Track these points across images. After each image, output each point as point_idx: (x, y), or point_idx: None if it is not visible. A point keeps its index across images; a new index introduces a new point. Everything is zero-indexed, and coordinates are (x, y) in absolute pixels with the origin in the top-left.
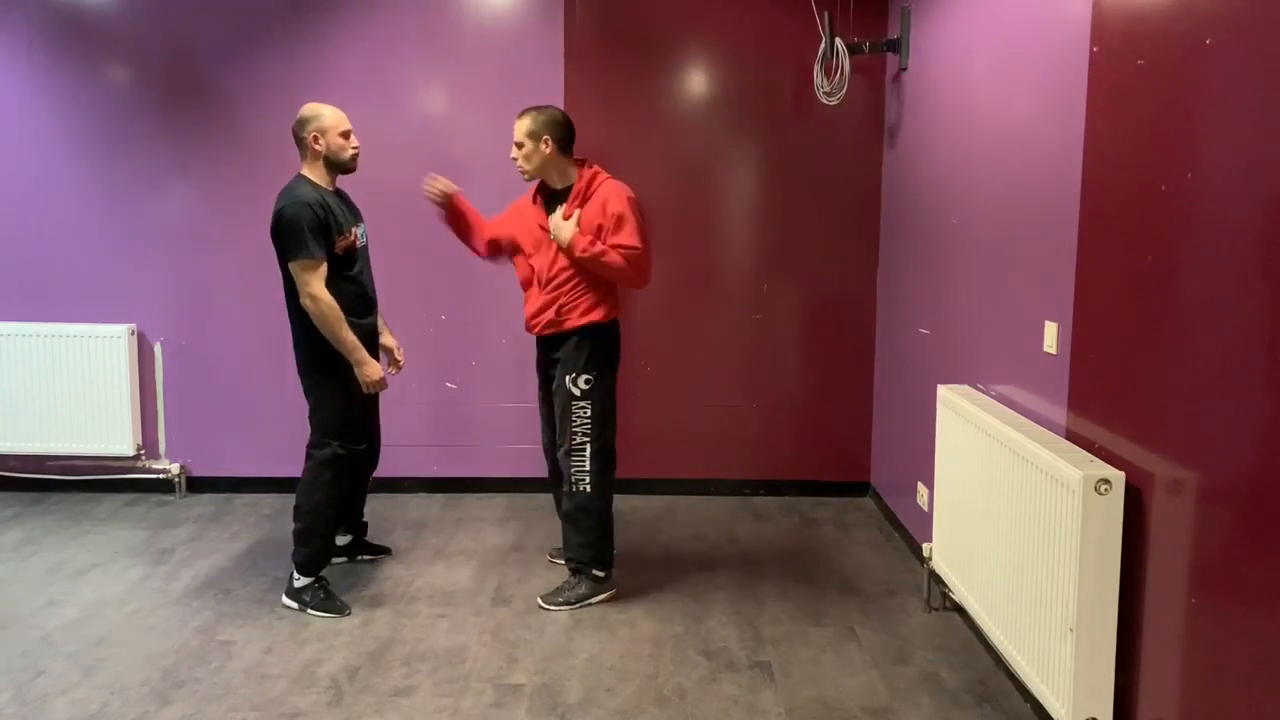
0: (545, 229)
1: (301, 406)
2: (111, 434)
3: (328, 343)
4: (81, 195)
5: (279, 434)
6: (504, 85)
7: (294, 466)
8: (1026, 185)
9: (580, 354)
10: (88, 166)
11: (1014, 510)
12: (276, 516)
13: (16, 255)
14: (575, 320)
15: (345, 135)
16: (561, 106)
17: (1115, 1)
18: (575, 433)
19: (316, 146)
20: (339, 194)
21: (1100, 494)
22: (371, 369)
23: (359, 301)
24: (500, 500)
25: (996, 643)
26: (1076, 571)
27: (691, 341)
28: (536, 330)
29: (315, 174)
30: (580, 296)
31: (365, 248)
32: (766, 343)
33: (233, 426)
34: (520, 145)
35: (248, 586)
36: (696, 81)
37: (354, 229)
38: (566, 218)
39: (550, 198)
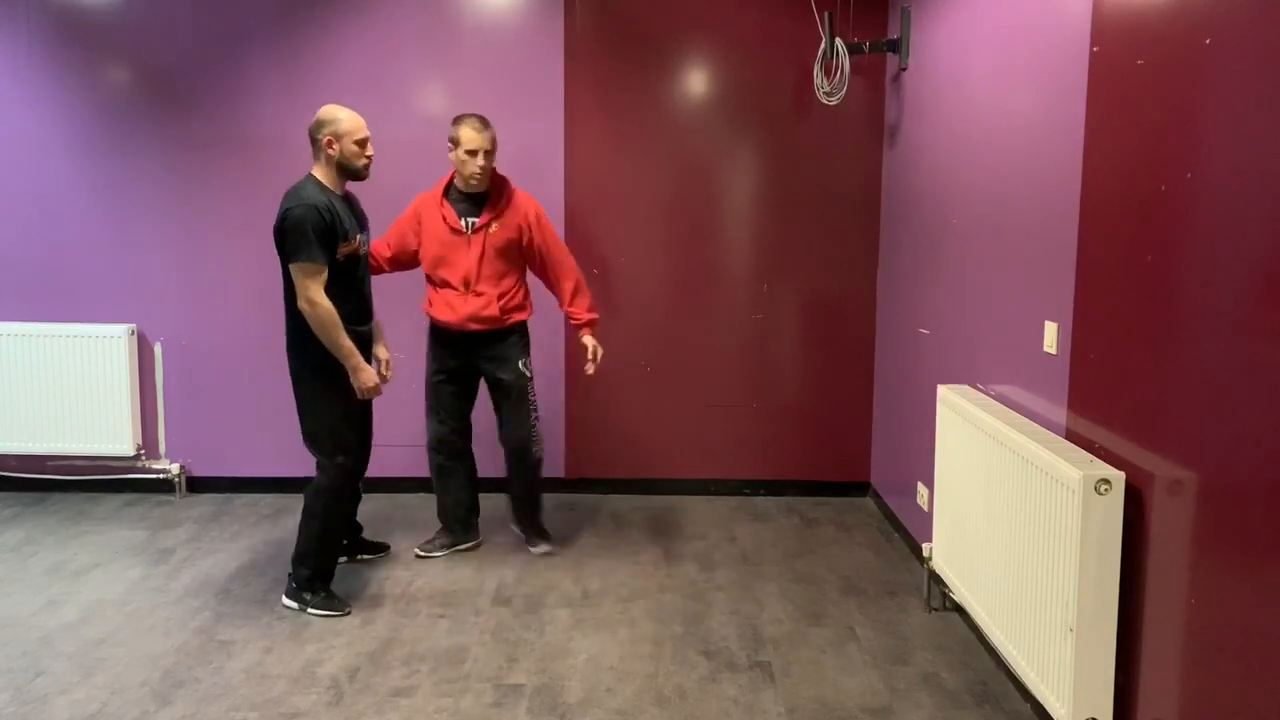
0: (460, 230)
1: None
2: (111, 434)
3: (323, 349)
4: (81, 195)
5: (279, 434)
6: (504, 85)
7: (294, 466)
8: (1026, 185)
9: (521, 342)
10: (88, 167)
11: (1014, 510)
12: (276, 516)
13: (16, 255)
14: (517, 316)
15: (361, 143)
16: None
17: (1115, 1)
18: (534, 408)
19: (330, 150)
20: (347, 199)
21: (1100, 494)
22: (367, 375)
23: (357, 309)
24: (498, 500)
25: (996, 643)
26: (1076, 571)
27: (692, 341)
28: (473, 328)
29: (325, 176)
30: (521, 296)
31: (367, 255)
32: (766, 343)
33: (233, 426)
34: (489, 154)
35: (248, 586)
36: (696, 81)
37: (358, 236)
38: (485, 221)
39: (467, 200)
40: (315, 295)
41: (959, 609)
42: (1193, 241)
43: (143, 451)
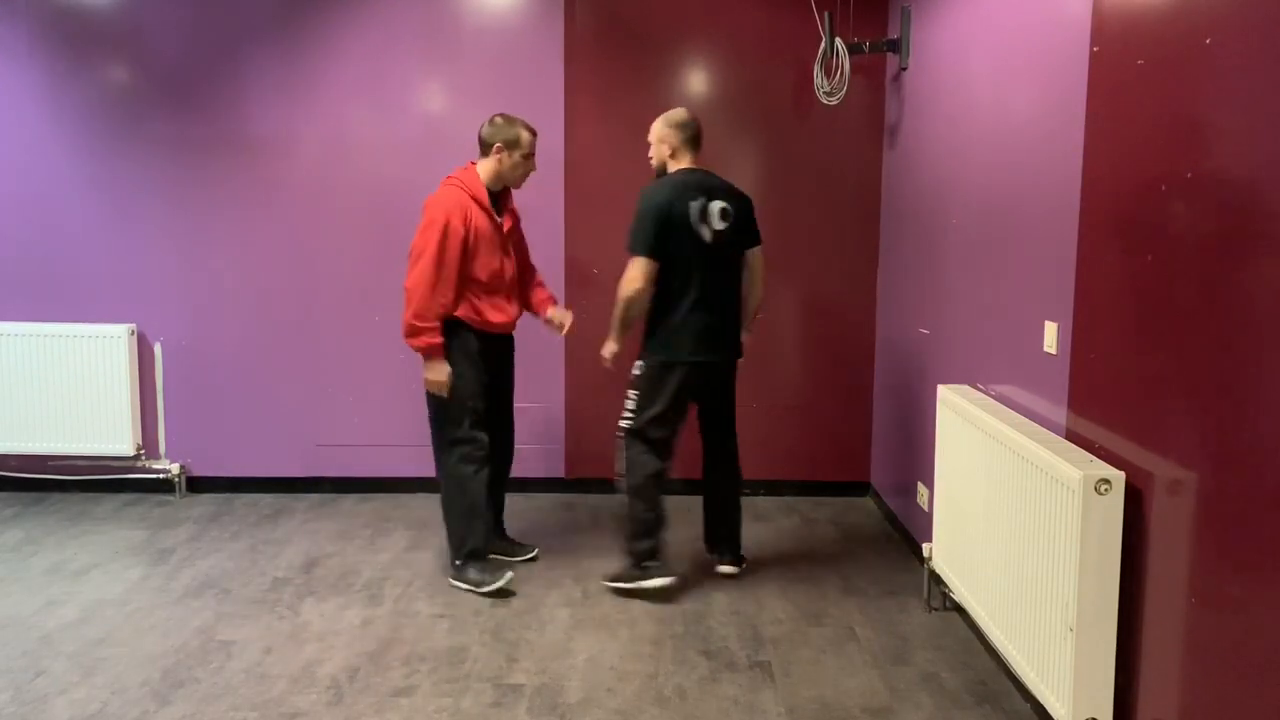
0: (503, 232)
1: (299, 406)
2: (111, 434)
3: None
4: (82, 195)
5: (279, 434)
6: (504, 85)
7: (294, 466)
8: (1026, 185)
9: None
10: (88, 167)
11: (1014, 510)
12: (276, 516)
13: (16, 255)
14: None
15: None
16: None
17: (1115, 1)
18: None
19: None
20: None
21: (1100, 494)
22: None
23: None
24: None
25: (996, 643)
26: (1076, 571)
27: None
28: (511, 329)
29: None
30: None
31: None
32: (766, 343)
33: (233, 426)
34: None
35: (248, 586)
36: (697, 81)
37: None
38: (511, 225)
39: (491, 200)
40: None
41: (959, 609)
42: (1193, 241)
43: (143, 451)
